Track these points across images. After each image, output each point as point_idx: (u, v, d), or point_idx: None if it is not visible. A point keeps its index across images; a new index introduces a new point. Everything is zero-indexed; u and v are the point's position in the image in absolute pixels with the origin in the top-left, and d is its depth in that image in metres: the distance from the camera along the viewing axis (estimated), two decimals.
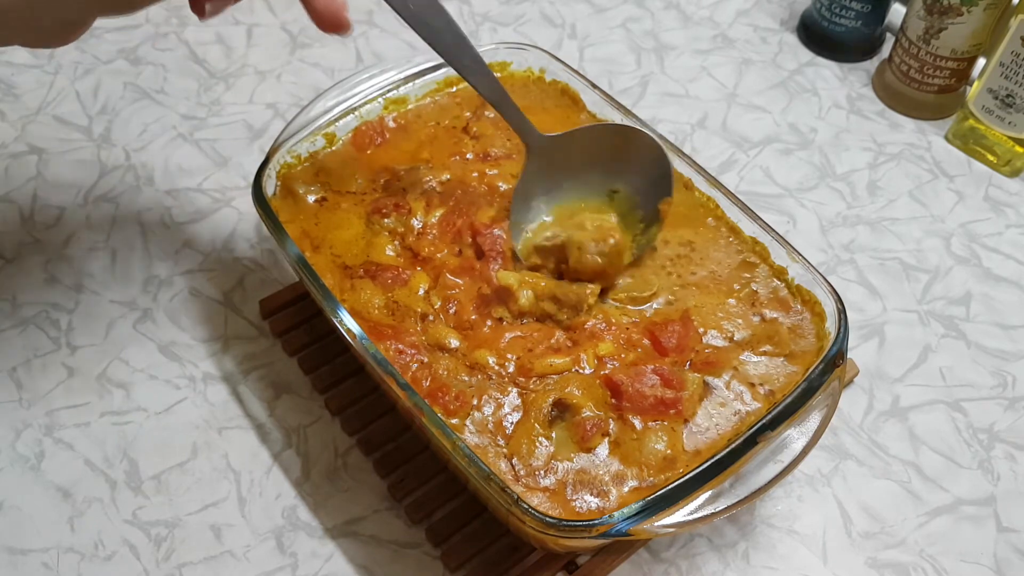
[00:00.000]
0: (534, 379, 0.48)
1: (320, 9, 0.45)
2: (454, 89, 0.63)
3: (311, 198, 0.56)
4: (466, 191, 0.57)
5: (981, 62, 0.75)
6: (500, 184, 0.57)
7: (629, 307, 0.52)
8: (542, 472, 0.45)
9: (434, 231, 0.54)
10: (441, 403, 0.47)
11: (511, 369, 0.49)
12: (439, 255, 0.53)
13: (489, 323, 0.51)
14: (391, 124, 0.60)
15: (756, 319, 0.52)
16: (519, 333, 0.50)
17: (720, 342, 0.51)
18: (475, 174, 0.58)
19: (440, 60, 0.62)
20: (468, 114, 0.61)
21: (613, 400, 0.47)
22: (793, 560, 0.52)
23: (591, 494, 0.44)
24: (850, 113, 0.78)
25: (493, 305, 0.51)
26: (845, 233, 0.69)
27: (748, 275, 0.54)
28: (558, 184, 0.54)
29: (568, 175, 0.54)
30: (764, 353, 0.50)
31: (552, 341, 0.50)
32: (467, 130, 0.61)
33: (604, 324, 0.51)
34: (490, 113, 0.61)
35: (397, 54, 0.80)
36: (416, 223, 0.55)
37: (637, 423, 0.47)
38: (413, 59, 0.62)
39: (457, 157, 0.59)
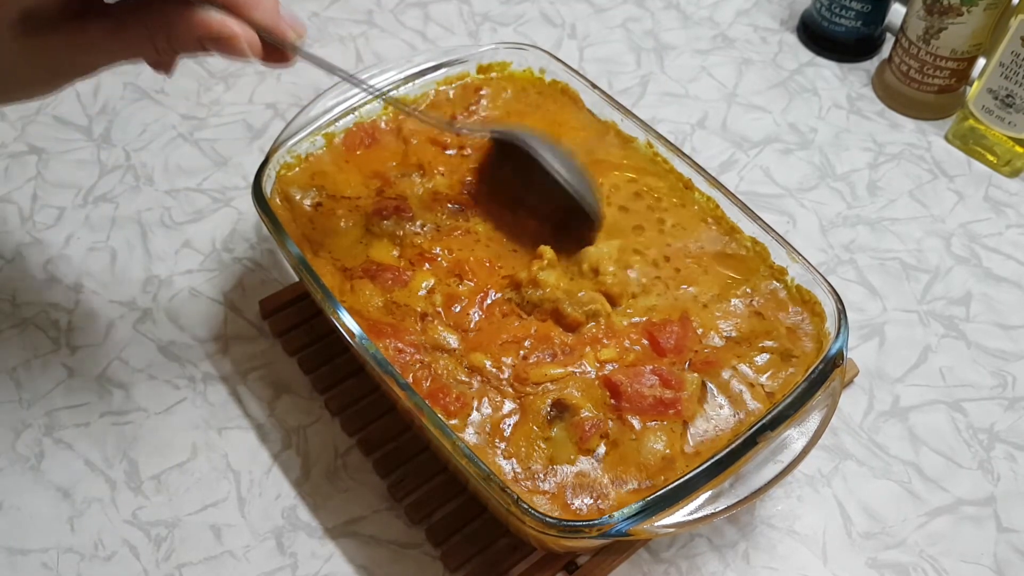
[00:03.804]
0: (531, 385, 0.48)
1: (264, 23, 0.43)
2: (452, 87, 0.63)
3: (307, 203, 0.56)
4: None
5: (981, 62, 0.75)
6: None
7: (640, 303, 0.52)
8: (541, 474, 0.45)
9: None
10: (441, 404, 0.47)
11: (507, 374, 0.49)
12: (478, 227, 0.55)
13: (483, 314, 0.51)
14: (383, 126, 0.60)
15: (756, 319, 0.52)
16: (516, 336, 0.50)
17: (719, 342, 0.51)
18: (469, 178, 0.58)
19: (440, 60, 0.62)
20: (460, 115, 0.61)
21: (612, 401, 0.47)
22: (793, 560, 0.52)
23: (590, 496, 0.44)
24: (850, 113, 0.78)
25: (506, 289, 0.52)
26: (845, 233, 0.69)
27: (748, 275, 0.54)
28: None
29: None
30: (764, 352, 0.50)
31: (547, 349, 0.50)
32: (452, 124, 0.60)
33: (606, 332, 0.50)
34: (482, 114, 0.61)
35: (397, 54, 0.80)
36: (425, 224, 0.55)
37: (636, 423, 0.47)
38: (413, 59, 0.62)
39: (444, 171, 0.59)
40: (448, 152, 0.59)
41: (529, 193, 0.55)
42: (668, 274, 0.54)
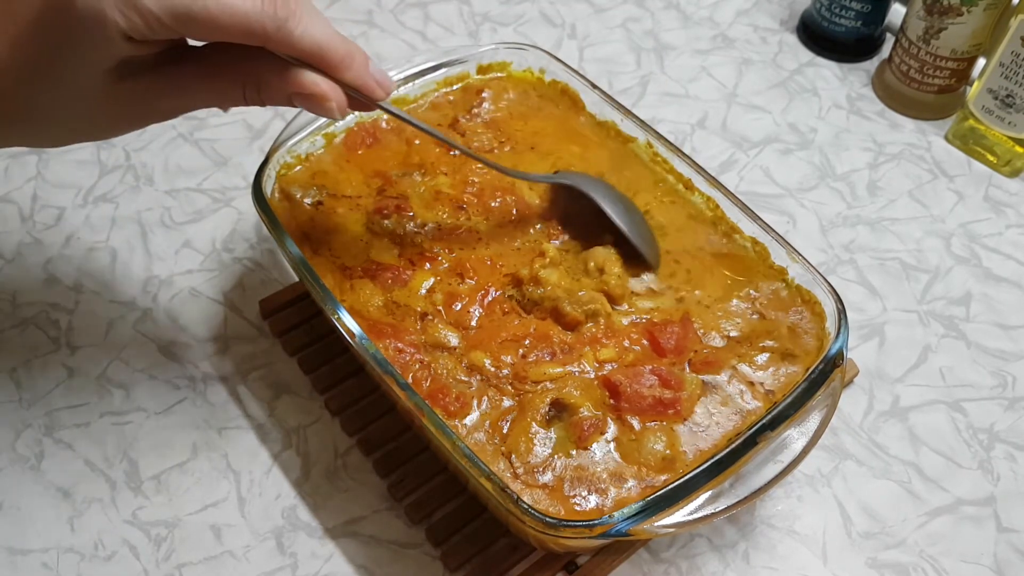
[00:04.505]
0: (529, 383, 0.48)
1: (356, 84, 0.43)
2: (452, 88, 0.63)
3: (307, 202, 0.56)
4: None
5: (981, 62, 0.75)
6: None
7: (642, 303, 0.52)
8: (540, 469, 0.45)
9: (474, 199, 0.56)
10: (441, 404, 0.47)
11: (506, 372, 0.49)
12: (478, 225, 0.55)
13: (483, 312, 0.51)
14: (384, 125, 0.60)
15: (756, 319, 0.52)
16: (515, 335, 0.50)
17: (719, 342, 0.51)
18: (474, 179, 0.58)
19: (440, 60, 0.62)
20: (462, 118, 0.61)
21: (611, 400, 0.47)
22: (793, 560, 0.52)
23: (589, 492, 0.44)
24: (850, 113, 0.78)
25: (507, 287, 0.52)
26: (845, 233, 0.69)
27: (749, 276, 0.54)
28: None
29: None
30: (764, 352, 0.50)
31: (546, 349, 0.49)
32: (454, 126, 0.61)
33: (605, 332, 0.50)
34: (484, 116, 0.61)
35: (397, 54, 0.80)
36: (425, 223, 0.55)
37: (636, 423, 0.47)
38: (413, 59, 0.62)
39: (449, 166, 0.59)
40: (453, 153, 0.59)
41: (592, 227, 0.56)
42: (680, 280, 0.54)
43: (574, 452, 0.46)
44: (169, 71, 0.41)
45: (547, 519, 0.41)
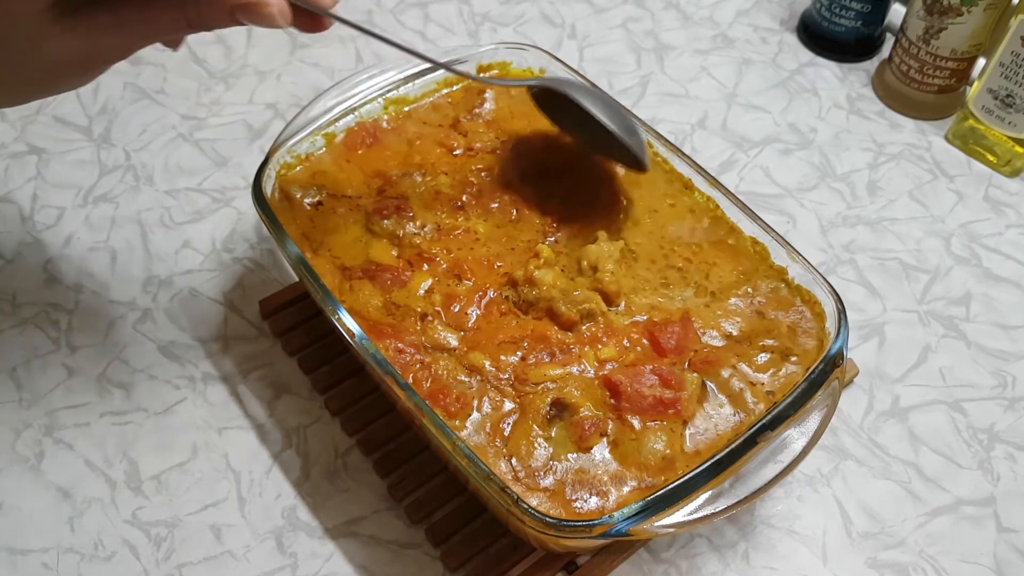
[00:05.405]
0: (530, 385, 0.48)
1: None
2: (452, 89, 0.63)
3: (307, 202, 0.55)
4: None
5: (981, 62, 0.75)
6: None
7: (639, 300, 0.52)
8: (541, 473, 0.45)
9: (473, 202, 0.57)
10: (442, 404, 0.47)
11: (506, 375, 0.49)
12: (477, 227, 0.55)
13: (481, 313, 0.51)
14: (385, 125, 0.60)
15: (756, 319, 0.52)
16: (513, 336, 0.50)
17: (719, 342, 0.51)
18: (478, 176, 0.58)
19: (439, 60, 0.62)
20: (464, 118, 0.61)
21: (612, 400, 0.47)
22: (793, 560, 0.52)
23: (590, 494, 0.44)
24: (850, 113, 0.78)
25: (504, 288, 0.52)
26: (845, 233, 0.69)
27: (748, 275, 0.54)
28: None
29: None
30: (764, 351, 0.50)
31: (544, 349, 0.49)
32: (456, 126, 0.61)
33: (605, 331, 0.50)
34: (486, 116, 0.61)
35: (397, 54, 0.79)
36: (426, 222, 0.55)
37: (636, 423, 0.47)
38: (413, 59, 0.62)
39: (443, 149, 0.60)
40: (455, 153, 0.59)
41: (576, 140, 0.56)
42: (674, 277, 0.54)
43: (574, 453, 0.46)
44: (107, 6, 0.41)
45: (547, 519, 0.41)
